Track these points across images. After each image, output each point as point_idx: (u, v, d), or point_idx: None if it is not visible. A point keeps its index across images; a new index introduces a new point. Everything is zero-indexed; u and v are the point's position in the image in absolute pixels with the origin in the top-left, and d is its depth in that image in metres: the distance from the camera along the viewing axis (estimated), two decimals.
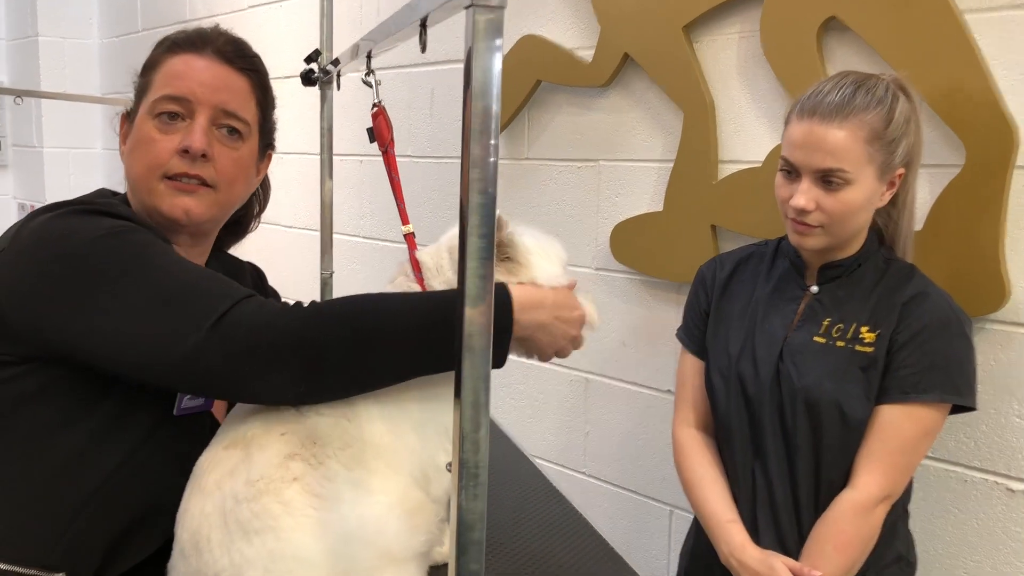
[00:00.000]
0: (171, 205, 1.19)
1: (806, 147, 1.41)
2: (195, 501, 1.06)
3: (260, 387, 1.05)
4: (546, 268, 1.19)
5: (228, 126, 1.23)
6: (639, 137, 2.20)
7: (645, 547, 2.30)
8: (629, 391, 2.30)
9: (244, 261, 1.50)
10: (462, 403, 0.79)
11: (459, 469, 0.80)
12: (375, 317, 1.06)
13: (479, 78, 0.74)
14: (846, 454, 1.44)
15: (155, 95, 1.21)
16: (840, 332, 1.47)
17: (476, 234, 0.77)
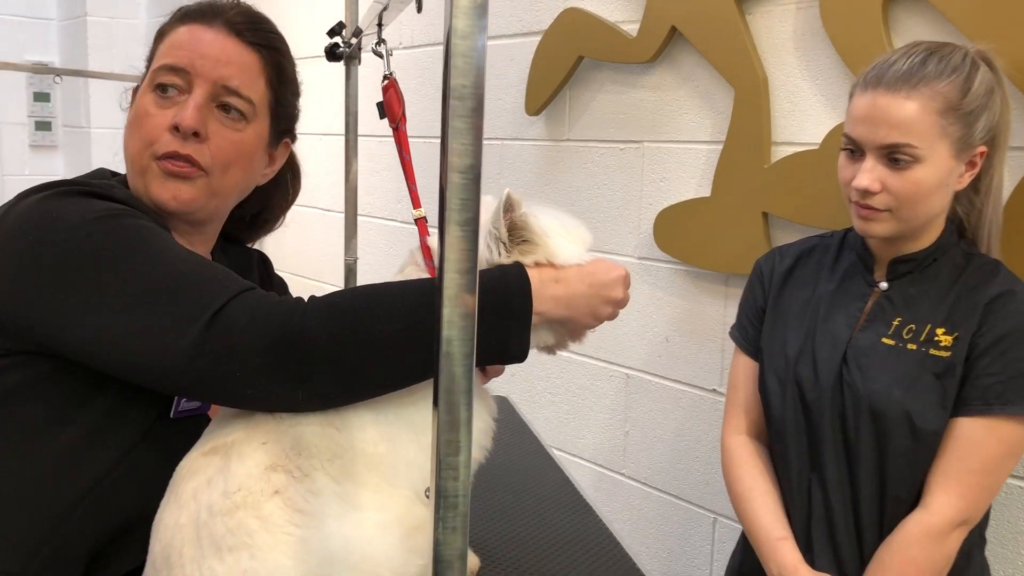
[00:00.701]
0: (160, 189, 1.11)
1: (870, 121, 1.30)
2: (170, 511, 0.98)
3: (255, 393, 0.96)
4: (567, 248, 1.08)
5: (229, 104, 1.13)
6: (686, 117, 2.10)
7: (686, 555, 2.19)
8: (672, 389, 2.20)
9: (252, 249, 1.40)
10: (439, 422, 0.67)
11: (436, 498, 0.68)
12: (384, 313, 0.96)
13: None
14: (915, 470, 1.33)
15: (156, 65, 1.13)
16: (912, 333, 1.35)
17: (455, 220, 0.65)
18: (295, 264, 3.75)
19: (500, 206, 1.03)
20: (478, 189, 0.65)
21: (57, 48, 4.63)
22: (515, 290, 1.00)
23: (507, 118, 2.55)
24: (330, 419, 0.99)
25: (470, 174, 0.64)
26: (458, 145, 0.64)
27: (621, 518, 2.35)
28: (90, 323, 0.95)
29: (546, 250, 1.06)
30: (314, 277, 3.59)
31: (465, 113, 0.63)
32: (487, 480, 1.58)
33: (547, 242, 1.06)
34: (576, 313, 1.06)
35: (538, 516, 1.46)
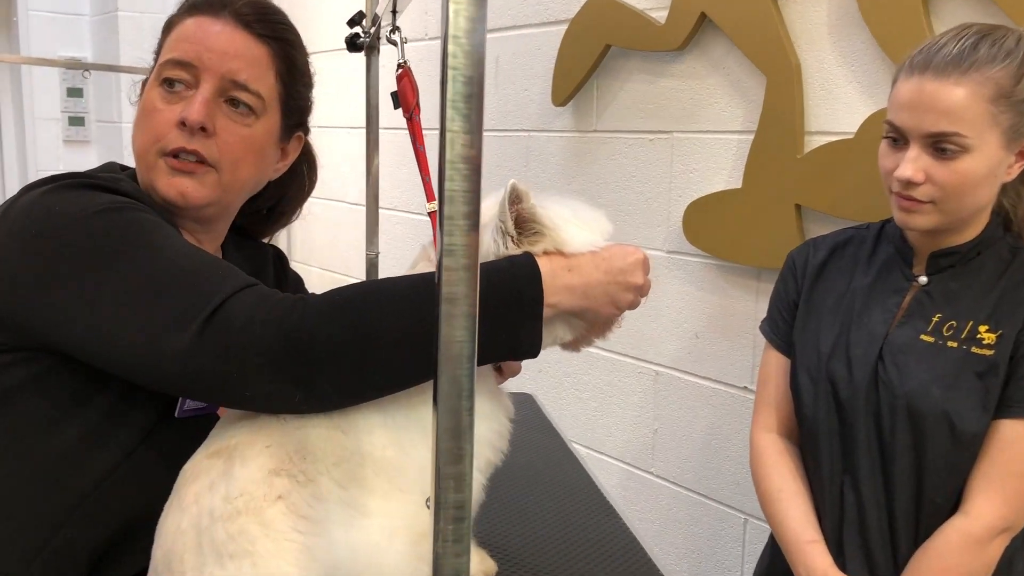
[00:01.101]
0: (167, 185, 1.08)
1: (915, 107, 1.23)
2: (173, 515, 0.95)
3: (253, 394, 0.92)
4: (579, 236, 1.02)
5: (237, 99, 1.10)
6: (717, 106, 2.05)
7: (716, 557, 2.14)
8: (702, 387, 2.16)
9: (267, 244, 1.37)
10: (438, 428, 0.63)
11: (436, 509, 0.64)
12: (387, 310, 0.92)
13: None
14: (955, 473, 1.28)
15: (163, 59, 1.11)
16: (953, 331, 1.29)
17: (454, 212, 0.60)
18: (322, 259, 3.74)
19: (505, 198, 0.98)
20: (478, 180, 0.61)
21: (90, 43, 4.67)
22: (524, 280, 0.95)
23: (533, 109, 2.51)
24: (336, 422, 0.95)
25: (469, 164, 0.60)
26: (456, 132, 0.60)
27: (649, 518, 2.30)
28: (87, 319, 0.93)
29: (555, 240, 1.00)
30: (341, 271, 3.57)
31: (461, 97, 0.59)
32: (508, 481, 1.54)
33: (557, 233, 1.01)
34: (593, 302, 1.00)
35: (560, 518, 1.41)
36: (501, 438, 1.06)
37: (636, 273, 1.02)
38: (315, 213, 3.72)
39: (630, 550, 1.32)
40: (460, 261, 0.62)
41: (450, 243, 0.61)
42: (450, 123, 0.59)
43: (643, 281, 1.03)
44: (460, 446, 0.63)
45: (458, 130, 0.60)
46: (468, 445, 0.63)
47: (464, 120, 0.60)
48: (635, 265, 1.02)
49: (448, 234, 0.61)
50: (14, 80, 4.53)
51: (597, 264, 1.00)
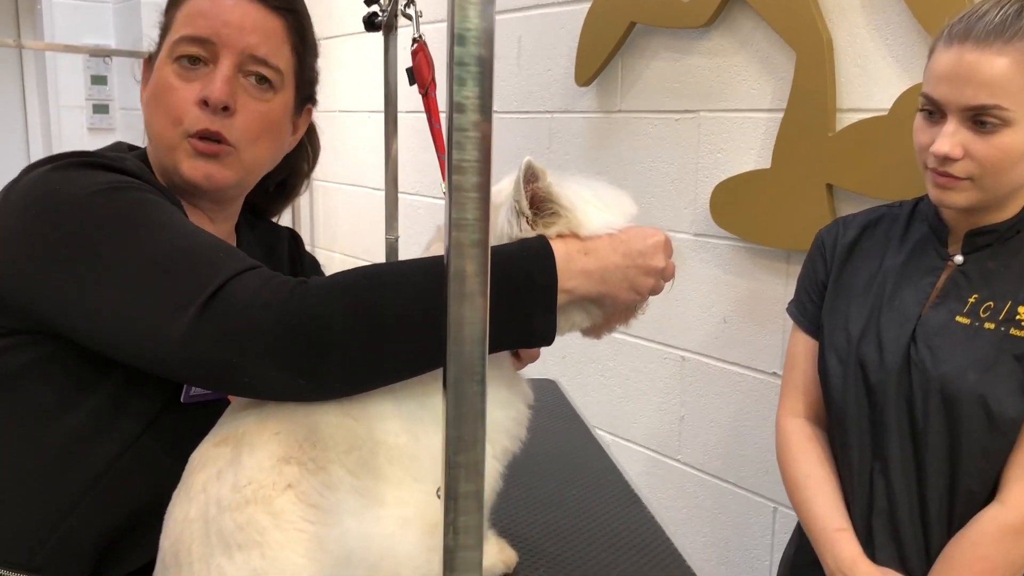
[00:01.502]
0: (192, 168, 1.06)
1: (954, 79, 1.18)
2: (180, 505, 0.93)
3: (255, 381, 0.89)
4: (597, 217, 0.97)
5: (257, 74, 1.08)
6: (745, 84, 2.01)
7: (744, 546, 2.10)
8: (730, 373, 2.11)
9: (281, 226, 1.35)
10: (447, 416, 0.60)
11: (446, 500, 0.61)
12: (392, 293, 0.88)
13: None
14: (991, 461, 1.23)
15: (176, 35, 1.08)
16: (990, 312, 1.25)
17: (463, 185, 0.57)
18: (345, 245, 3.72)
19: (520, 176, 0.94)
20: (488, 149, 0.57)
21: (113, 30, 4.69)
22: (538, 265, 0.91)
23: (556, 89, 2.47)
24: (347, 409, 0.92)
25: (477, 132, 0.56)
26: (466, 98, 0.56)
27: (675, 506, 2.27)
28: (87, 304, 0.91)
29: (572, 221, 0.96)
30: (364, 256, 3.55)
31: (470, 60, 0.55)
32: (529, 468, 1.51)
33: (574, 214, 0.96)
34: (611, 287, 0.95)
35: (582, 507, 1.38)
36: (519, 425, 1.03)
37: (657, 256, 0.97)
38: (337, 199, 3.71)
39: (655, 540, 1.28)
40: (470, 236, 0.58)
41: (459, 217, 0.57)
42: (459, 86, 0.55)
43: (664, 264, 0.98)
44: (471, 433, 0.60)
45: (468, 95, 0.56)
46: (480, 432, 0.60)
47: (475, 82, 0.55)
48: (656, 247, 0.97)
49: (457, 206, 0.57)
50: (39, 68, 4.56)
51: (615, 247, 0.95)
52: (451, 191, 0.57)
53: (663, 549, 1.25)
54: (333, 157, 3.67)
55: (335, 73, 3.60)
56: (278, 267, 1.28)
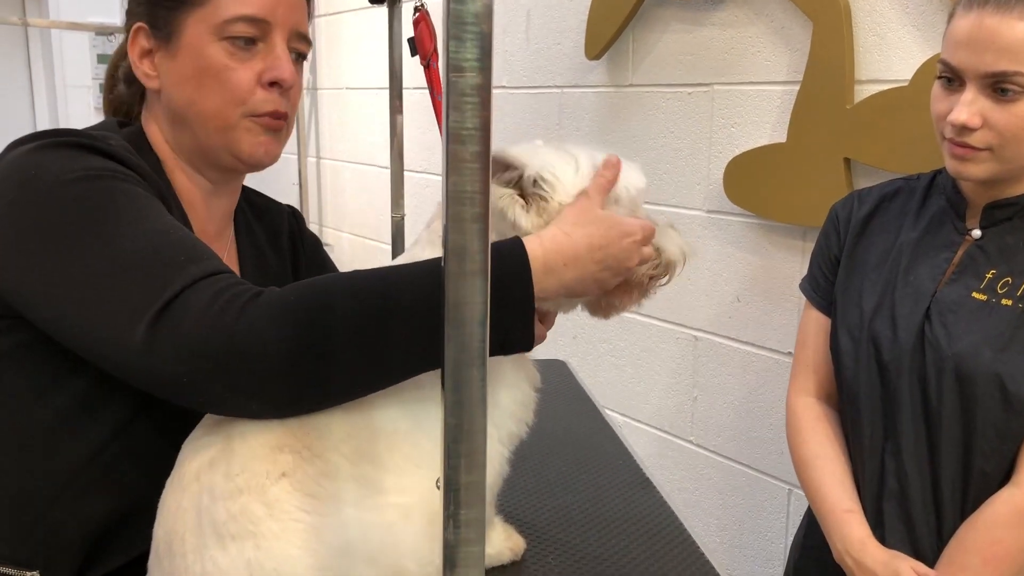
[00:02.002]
0: (253, 145, 1.06)
1: (973, 44, 1.14)
2: (173, 493, 0.91)
3: (208, 399, 0.87)
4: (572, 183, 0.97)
5: (298, 50, 1.10)
6: (760, 56, 1.97)
7: (758, 528, 2.07)
8: (743, 352, 2.08)
9: (282, 204, 1.31)
10: (445, 402, 0.56)
11: (445, 491, 0.57)
12: (346, 308, 0.85)
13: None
14: (1007, 441, 1.20)
15: (225, 14, 1.03)
16: (1008, 287, 1.21)
17: (463, 155, 0.53)
18: (353, 224, 3.69)
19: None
20: (488, 115, 0.53)
21: (119, 9, 4.65)
22: (513, 279, 0.89)
23: (566, 64, 2.43)
24: None
25: (475, 96, 0.52)
26: (465, 60, 0.52)
27: (688, 488, 2.24)
28: (54, 303, 0.89)
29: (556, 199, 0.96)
30: (373, 236, 3.52)
31: (470, 14, 0.51)
32: (538, 451, 1.48)
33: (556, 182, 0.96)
34: (584, 290, 0.96)
35: (592, 491, 1.35)
36: (525, 408, 1.00)
37: (631, 257, 0.96)
38: (344, 177, 3.68)
39: (667, 525, 1.25)
40: (469, 210, 0.54)
41: (457, 187, 0.54)
42: (455, 46, 0.51)
43: (637, 263, 0.98)
44: (472, 421, 0.56)
45: (469, 57, 0.52)
46: (481, 420, 0.57)
47: (474, 42, 0.52)
48: (629, 250, 0.96)
49: (455, 174, 0.53)
50: (45, 47, 4.55)
51: (592, 253, 0.94)
52: (448, 161, 0.53)
53: (675, 534, 1.22)
54: (340, 135, 3.65)
55: (341, 49, 3.56)
56: (278, 246, 1.26)
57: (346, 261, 3.76)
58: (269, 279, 1.19)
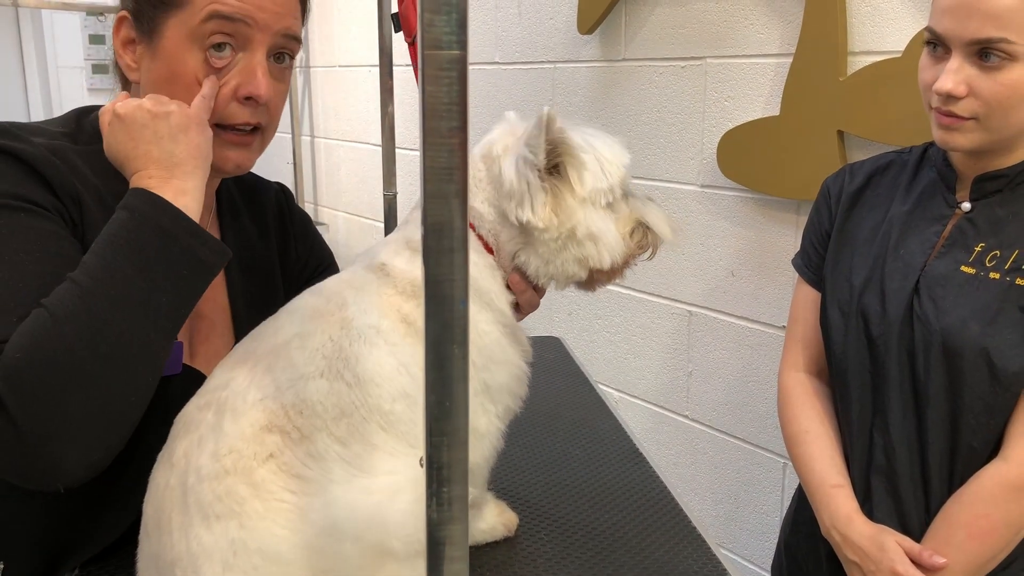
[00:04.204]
0: (222, 159, 1.03)
1: (958, 11, 1.12)
2: (162, 470, 0.91)
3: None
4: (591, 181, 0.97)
5: (286, 52, 1.05)
6: (752, 28, 1.95)
7: (754, 502, 2.08)
8: (738, 327, 2.08)
9: (271, 182, 1.30)
10: (427, 380, 0.56)
11: (428, 470, 0.57)
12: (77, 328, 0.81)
13: None
14: (994, 416, 1.18)
15: (201, 13, 0.98)
16: (996, 260, 1.19)
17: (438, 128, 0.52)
18: (348, 203, 3.67)
19: (540, 124, 0.91)
20: (464, 89, 0.52)
21: None
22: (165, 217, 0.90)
23: (558, 39, 2.40)
24: (340, 372, 0.89)
25: (456, 68, 0.51)
26: (441, 31, 0.51)
27: (683, 462, 2.25)
28: None
29: (576, 171, 0.95)
30: (368, 215, 3.51)
31: None
32: (533, 428, 1.48)
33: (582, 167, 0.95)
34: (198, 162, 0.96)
35: (585, 466, 1.35)
36: (520, 383, 1.00)
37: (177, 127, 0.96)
38: (339, 155, 3.66)
39: (660, 500, 1.25)
40: (447, 187, 0.54)
41: (435, 163, 0.53)
42: (430, 20, 0.50)
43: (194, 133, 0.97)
44: (453, 399, 0.56)
45: (443, 27, 0.51)
46: (462, 397, 0.56)
47: (451, 16, 0.51)
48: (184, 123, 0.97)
49: (432, 150, 0.53)
50: (36, 28, 4.51)
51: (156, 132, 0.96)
52: (425, 136, 0.52)
53: (667, 507, 1.23)
54: (334, 113, 3.63)
55: (334, 27, 3.53)
56: (264, 225, 1.25)
57: (341, 240, 3.75)
58: (253, 259, 1.19)
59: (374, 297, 0.94)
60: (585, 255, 0.98)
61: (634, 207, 1.02)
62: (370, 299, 0.94)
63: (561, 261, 0.98)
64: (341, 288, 0.97)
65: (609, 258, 0.99)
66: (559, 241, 0.96)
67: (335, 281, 1.00)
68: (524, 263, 1.00)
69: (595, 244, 0.97)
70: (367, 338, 0.91)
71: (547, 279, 1.01)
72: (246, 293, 1.16)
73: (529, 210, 0.94)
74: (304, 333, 0.92)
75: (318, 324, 0.92)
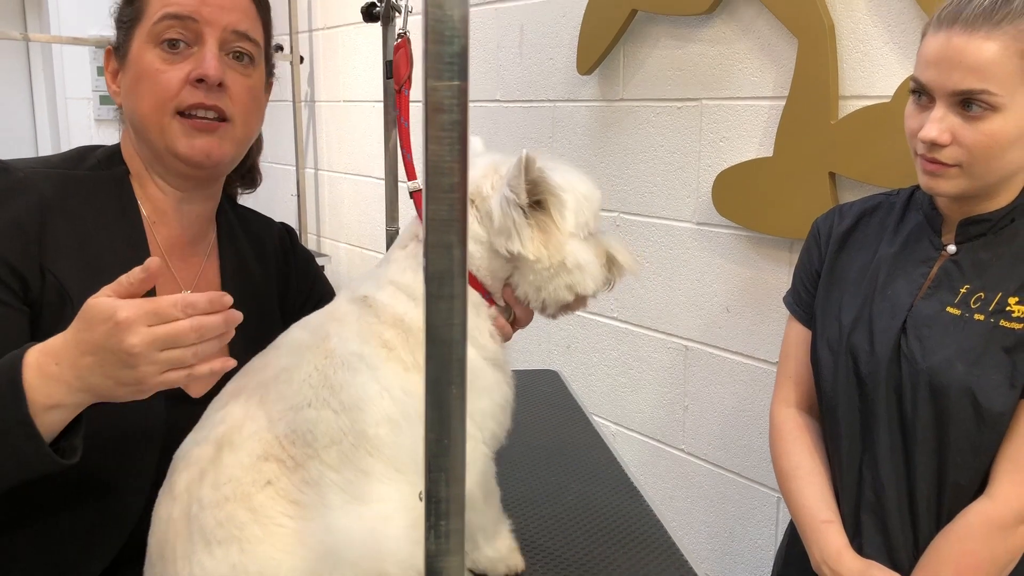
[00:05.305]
0: (189, 147, 1.06)
1: (942, 63, 1.15)
2: (165, 504, 0.95)
3: None
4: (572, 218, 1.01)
5: (240, 50, 1.09)
6: (747, 71, 1.98)
7: (748, 536, 2.09)
8: (733, 362, 2.09)
9: (275, 221, 1.33)
10: (427, 419, 0.59)
11: (428, 503, 0.60)
12: None
13: None
14: (979, 454, 1.20)
15: (155, 16, 1.06)
16: (980, 302, 1.21)
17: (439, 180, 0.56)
18: (350, 235, 3.71)
19: (519, 166, 0.95)
20: (465, 149, 0.56)
21: None
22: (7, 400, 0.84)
23: (558, 78, 2.45)
24: (326, 399, 0.93)
25: (456, 130, 0.55)
26: (443, 98, 0.55)
27: (679, 495, 2.26)
28: None
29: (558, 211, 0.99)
30: (370, 247, 3.55)
31: (447, 58, 0.54)
32: (530, 462, 1.51)
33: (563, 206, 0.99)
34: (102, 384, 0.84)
35: (582, 501, 1.37)
36: (504, 410, 1.04)
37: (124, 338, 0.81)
38: (342, 188, 3.70)
39: (654, 535, 1.27)
40: (448, 238, 0.57)
41: (436, 216, 0.57)
42: (433, 84, 0.54)
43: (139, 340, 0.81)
44: (451, 436, 0.59)
45: (445, 93, 0.55)
46: (459, 435, 0.60)
47: (452, 79, 0.54)
48: (117, 330, 0.81)
49: (434, 203, 0.56)
50: (46, 60, 4.57)
51: (80, 347, 0.83)
52: (428, 191, 0.56)
53: (660, 542, 1.25)
54: (338, 147, 3.67)
55: (339, 62, 3.59)
56: (265, 259, 1.28)
57: (343, 272, 3.78)
58: (250, 287, 1.22)
59: (355, 326, 0.98)
60: (573, 282, 1.02)
61: (601, 240, 1.07)
62: (351, 328, 0.98)
63: (553, 287, 1.02)
64: (323, 321, 1.01)
65: (592, 285, 1.04)
66: (551, 270, 1.01)
67: (318, 315, 1.03)
68: (515, 285, 1.04)
69: (582, 273, 1.02)
70: (350, 365, 0.94)
71: (537, 303, 1.05)
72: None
73: (518, 243, 0.98)
74: (291, 366, 0.96)
75: (304, 356, 0.96)
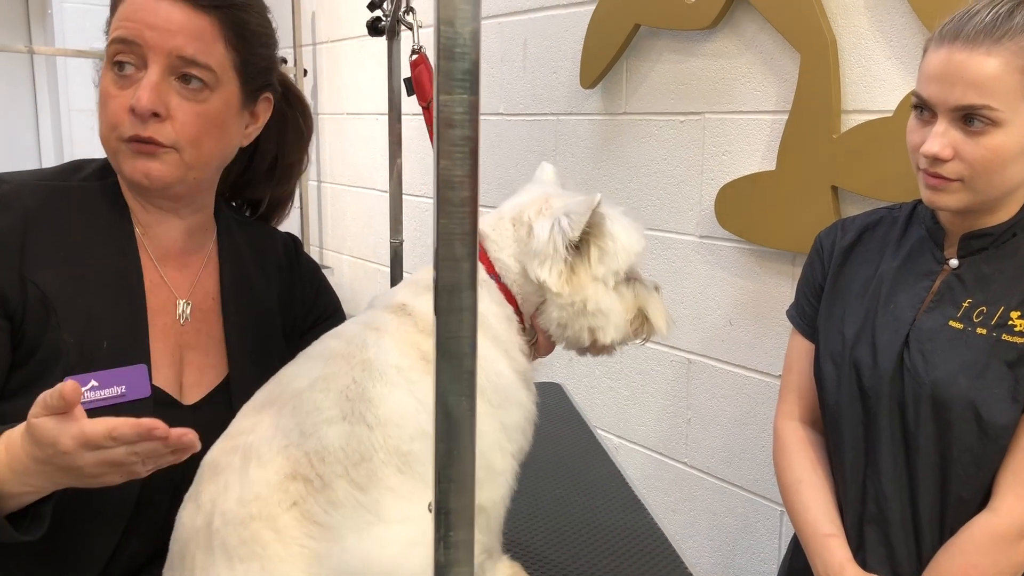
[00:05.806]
0: (132, 169, 1.08)
1: (943, 78, 1.16)
2: (189, 510, 0.94)
3: None
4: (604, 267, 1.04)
5: (188, 75, 1.07)
6: (749, 85, 1.99)
7: (751, 549, 2.09)
8: (736, 375, 2.09)
9: (280, 231, 1.34)
10: (437, 430, 0.60)
11: (436, 515, 0.61)
12: None
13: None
14: (982, 467, 1.21)
15: (110, 39, 1.08)
16: (983, 316, 1.22)
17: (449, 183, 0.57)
18: (353, 247, 3.72)
19: (589, 205, 0.98)
20: (475, 163, 0.57)
21: None
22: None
23: (561, 92, 2.46)
24: (362, 414, 0.92)
25: (468, 145, 0.56)
26: (454, 109, 0.55)
27: (682, 509, 2.26)
28: None
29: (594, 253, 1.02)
30: (372, 259, 3.55)
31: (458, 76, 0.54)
32: (534, 475, 1.51)
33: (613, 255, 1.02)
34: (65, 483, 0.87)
35: (585, 513, 1.38)
36: (530, 424, 1.05)
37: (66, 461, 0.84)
38: (345, 200, 3.72)
39: (658, 548, 1.27)
40: (459, 251, 0.58)
41: (447, 230, 0.57)
42: (444, 99, 0.55)
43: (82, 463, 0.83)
44: (460, 447, 0.60)
45: (456, 108, 0.55)
46: (468, 446, 0.60)
47: (463, 96, 0.55)
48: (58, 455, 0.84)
49: (445, 217, 0.57)
50: (50, 73, 4.59)
51: (35, 459, 0.85)
52: (439, 205, 0.56)
53: (664, 555, 1.25)
54: (341, 159, 3.69)
55: (343, 75, 3.61)
56: (267, 269, 1.28)
57: (346, 284, 3.79)
58: (250, 297, 1.22)
59: (394, 336, 0.97)
60: (595, 327, 1.04)
61: (639, 294, 1.08)
62: (390, 338, 0.97)
63: (577, 327, 1.04)
64: (361, 330, 1.00)
65: (612, 335, 1.05)
66: (573, 308, 1.02)
67: (354, 324, 1.03)
68: (543, 318, 1.05)
69: (605, 319, 1.03)
70: (388, 378, 0.94)
71: (560, 339, 1.06)
72: (240, 327, 1.19)
73: (547, 271, 0.99)
74: (327, 376, 0.95)
75: (340, 366, 0.95)
